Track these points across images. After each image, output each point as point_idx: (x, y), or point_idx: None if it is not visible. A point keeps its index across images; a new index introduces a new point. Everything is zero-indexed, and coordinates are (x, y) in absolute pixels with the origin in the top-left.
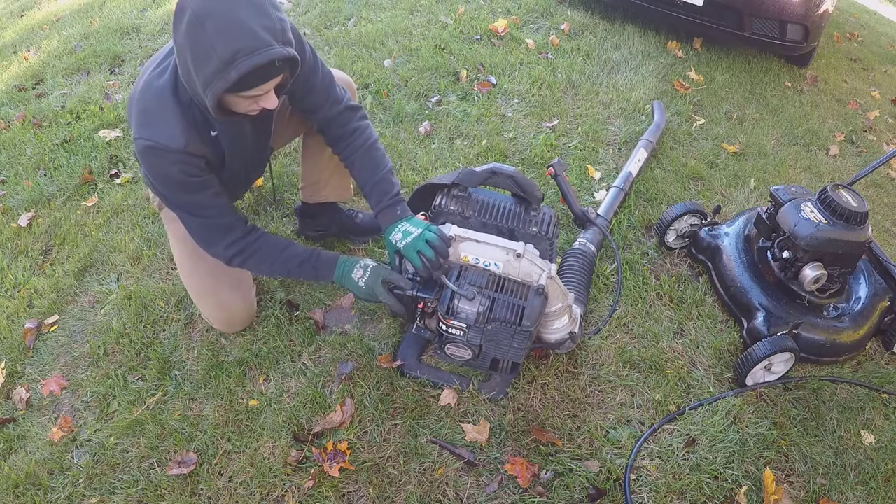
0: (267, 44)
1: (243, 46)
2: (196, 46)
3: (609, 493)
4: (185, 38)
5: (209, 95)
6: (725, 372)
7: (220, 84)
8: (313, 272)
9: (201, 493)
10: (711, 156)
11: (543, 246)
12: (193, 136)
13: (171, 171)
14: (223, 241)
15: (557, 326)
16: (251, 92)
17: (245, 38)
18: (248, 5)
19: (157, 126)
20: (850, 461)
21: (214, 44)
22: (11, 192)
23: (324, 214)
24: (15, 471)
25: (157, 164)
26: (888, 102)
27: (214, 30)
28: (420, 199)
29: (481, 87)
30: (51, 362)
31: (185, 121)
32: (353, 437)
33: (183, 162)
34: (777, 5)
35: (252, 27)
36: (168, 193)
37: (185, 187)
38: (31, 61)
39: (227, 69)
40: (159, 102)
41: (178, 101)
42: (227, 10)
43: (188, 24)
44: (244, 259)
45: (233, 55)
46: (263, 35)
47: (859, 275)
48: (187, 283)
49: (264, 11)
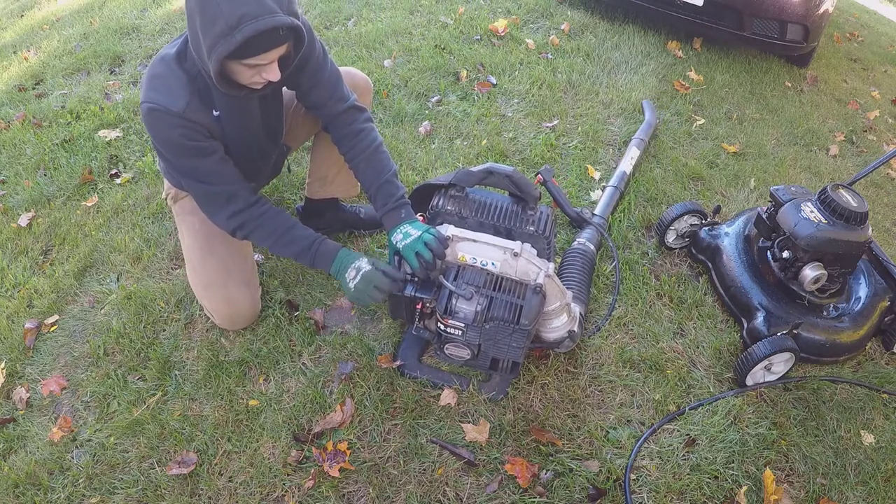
0: (272, 10)
1: (248, 11)
2: (204, 10)
3: (609, 493)
4: (195, 2)
5: (213, 59)
6: (725, 372)
7: (224, 47)
8: (311, 259)
9: (201, 493)
10: (711, 156)
11: (541, 245)
12: (195, 103)
13: (173, 135)
14: (226, 210)
15: (556, 325)
16: (254, 59)
17: (251, 4)
18: None
19: (160, 89)
20: (850, 461)
21: (221, 7)
22: (11, 192)
23: (327, 213)
24: (15, 471)
25: (159, 127)
26: (888, 102)
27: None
28: (418, 199)
29: (481, 87)
30: (51, 362)
31: (188, 88)
32: (353, 437)
33: (183, 126)
34: (777, 5)
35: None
36: (171, 157)
37: (187, 151)
38: (31, 61)
39: (232, 32)
40: (165, 68)
41: (184, 69)
42: None
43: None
44: (247, 232)
45: (238, 19)
46: (269, 2)
47: (859, 275)
48: (195, 276)
49: None
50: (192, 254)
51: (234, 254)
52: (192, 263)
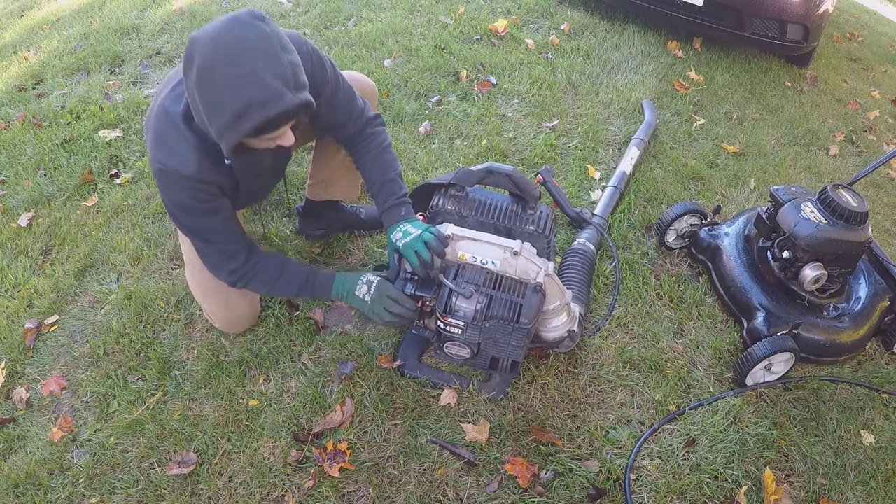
0: (278, 94)
1: (254, 98)
2: (207, 98)
3: (609, 493)
4: (195, 87)
5: (223, 143)
6: (725, 372)
7: (233, 135)
8: (310, 292)
9: (201, 493)
10: (711, 156)
11: (541, 244)
12: (206, 163)
13: (182, 196)
14: (225, 268)
15: (556, 324)
16: (266, 136)
17: (256, 90)
18: (257, 54)
19: (169, 151)
20: (850, 461)
21: (224, 96)
22: (11, 192)
23: (327, 213)
24: (15, 471)
25: (169, 188)
26: (888, 102)
27: (224, 82)
28: (418, 199)
29: (481, 87)
30: (51, 362)
31: (198, 148)
32: (353, 437)
33: (194, 188)
34: (777, 5)
35: (263, 77)
36: (179, 216)
37: (195, 212)
38: (31, 61)
39: (239, 121)
40: (173, 128)
41: (192, 129)
42: (237, 60)
43: (198, 76)
44: (245, 283)
45: (244, 107)
46: (275, 84)
47: (859, 275)
48: (194, 280)
49: (275, 58)
50: (191, 260)
51: None
52: (192, 269)
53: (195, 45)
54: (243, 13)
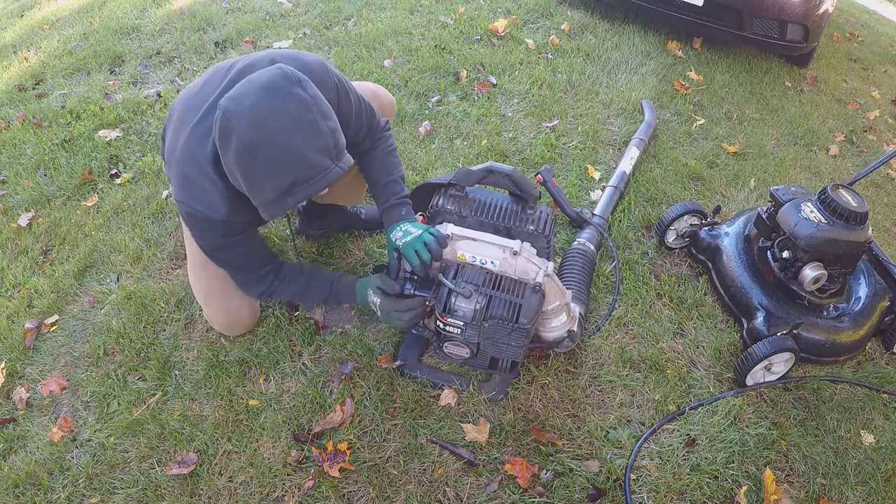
0: (324, 168)
1: (299, 178)
2: (249, 178)
3: (609, 493)
4: (235, 164)
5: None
6: (725, 372)
7: (276, 210)
8: (336, 300)
9: (201, 493)
10: (711, 156)
11: (540, 244)
12: (236, 206)
13: (214, 236)
14: (256, 289)
15: (555, 324)
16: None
17: (301, 169)
18: (300, 128)
19: (198, 195)
20: (850, 461)
21: (270, 176)
22: (11, 192)
23: (329, 214)
24: (15, 471)
25: (199, 230)
26: (888, 102)
27: (268, 163)
28: (418, 199)
29: (481, 87)
30: (51, 362)
31: (227, 194)
32: (353, 437)
33: (225, 230)
34: (777, 5)
35: (307, 155)
36: (209, 251)
37: (225, 246)
38: (31, 61)
39: (284, 198)
40: (201, 174)
41: (221, 175)
42: (280, 139)
43: (237, 154)
44: (271, 297)
45: (289, 186)
46: (319, 161)
47: (859, 275)
48: (195, 283)
49: (317, 130)
50: (193, 260)
51: None
52: (194, 270)
53: (231, 119)
54: (278, 78)
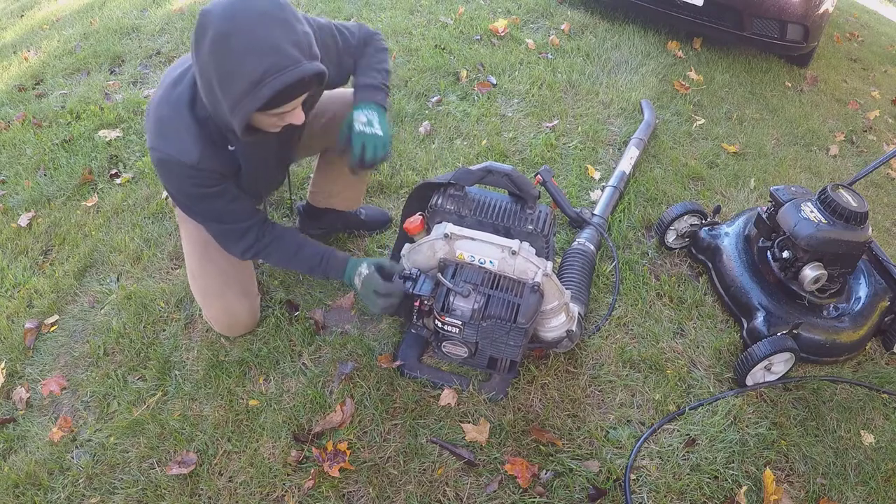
0: (296, 60)
1: (272, 64)
2: (222, 66)
3: (609, 493)
4: (209, 57)
5: (238, 115)
6: (725, 372)
7: (251, 104)
8: (323, 272)
9: (201, 493)
10: (711, 156)
11: (539, 244)
12: (208, 151)
13: (185, 184)
14: (240, 245)
15: (554, 324)
16: (280, 109)
17: (274, 56)
18: (273, 22)
19: (170, 139)
20: (850, 461)
21: (242, 63)
22: (11, 192)
23: (328, 215)
24: (15, 471)
25: (171, 177)
26: (888, 102)
27: (241, 49)
28: (417, 198)
29: (481, 87)
30: (51, 362)
31: (200, 136)
32: (353, 437)
33: (196, 176)
34: (777, 5)
35: (280, 44)
36: (185, 202)
37: (199, 197)
38: (31, 61)
39: (257, 88)
40: (174, 115)
41: (195, 115)
42: (253, 27)
43: (212, 44)
44: (261, 257)
45: (262, 74)
46: (292, 51)
47: (859, 275)
48: (194, 283)
49: (290, 26)
50: (190, 261)
51: (232, 262)
52: (192, 270)
53: (208, 16)
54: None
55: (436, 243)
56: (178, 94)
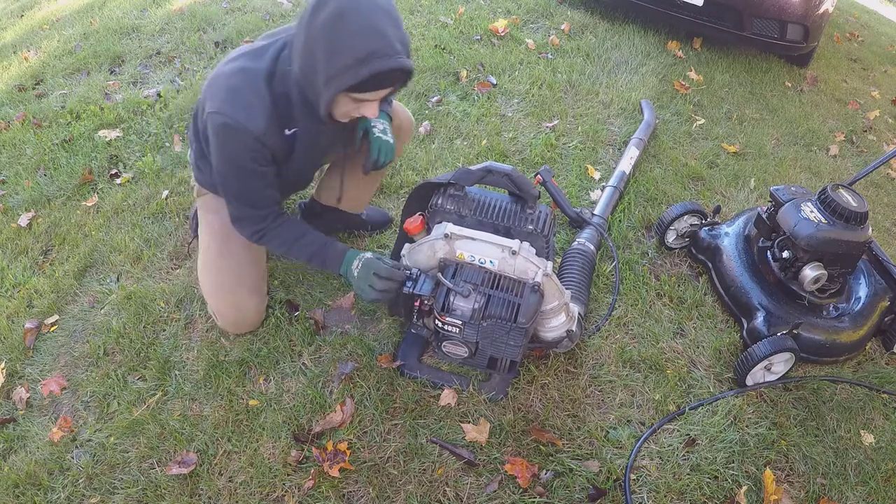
0: (398, 52)
1: (379, 48)
2: (333, 38)
3: (609, 493)
4: (321, 29)
5: (331, 88)
6: (725, 372)
7: (349, 79)
8: (321, 261)
9: (201, 493)
10: (711, 156)
11: (539, 244)
12: (272, 127)
13: (241, 154)
14: (252, 227)
15: (554, 324)
16: (366, 95)
17: (381, 41)
18: (386, 15)
19: (241, 106)
20: (850, 461)
21: (353, 40)
22: (11, 192)
23: (330, 214)
24: (15, 471)
25: (230, 143)
26: (888, 102)
27: (355, 27)
28: (417, 198)
29: (481, 87)
30: (51, 362)
31: (270, 110)
32: (353, 437)
33: (255, 148)
34: (777, 5)
35: (388, 35)
36: (226, 173)
37: (246, 173)
38: (31, 61)
39: (360, 66)
40: (250, 85)
41: (271, 89)
42: (370, 13)
43: (329, 17)
44: (265, 241)
45: (368, 55)
46: (396, 45)
47: (859, 275)
48: (207, 275)
49: (398, 24)
50: (207, 252)
51: (249, 260)
52: (206, 262)
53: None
54: None
55: (436, 243)
56: (258, 68)
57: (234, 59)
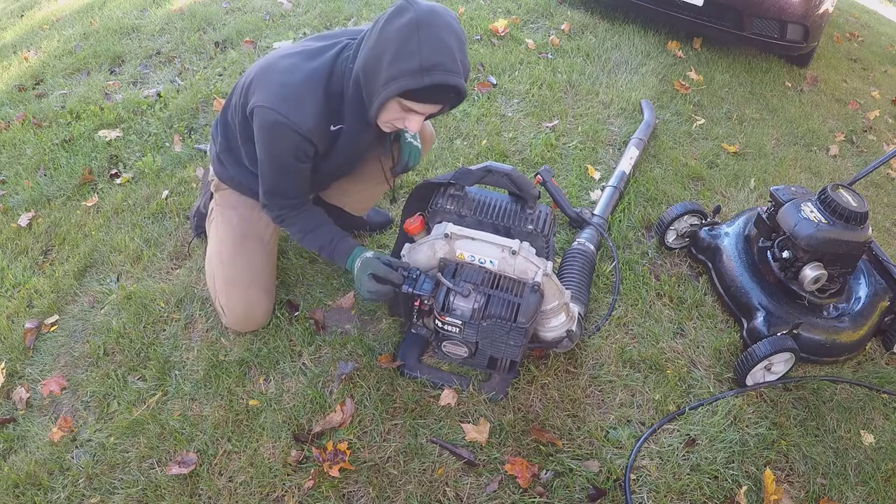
0: (459, 72)
1: (443, 62)
2: (404, 43)
3: (609, 493)
4: (396, 32)
5: (389, 88)
6: (725, 372)
7: (409, 82)
8: (329, 254)
9: (201, 493)
10: (711, 156)
11: (539, 243)
12: (320, 125)
13: (287, 151)
14: (278, 210)
15: (554, 324)
16: (418, 105)
17: (447, 57)
18: (458, 40)
19: (295, 105)
20: (850, 461)
21: (422, 49)
22: (11, 192)
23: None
24: (15, 471)
25: (277, 139)
26: (888, 102)
27: (427, 39)
28: (417, 198)
29: (481, 87)
30: (51, 362)
31: (322, 109)
32: (353, 437)
33: (300, 146)
34: (777, 5)
35: (455, 54)
36: (268, 164)
37: (287, 167)
38: (31, 61)
39: (423, 74)
40: (308, 84)
41: (327, 89)
42: (443, 31)
43: (406, 25)
44: (284, 224)
45: (433, 65)
46: (459, 67)
47: (859, 275)
48: (220, 270)
49: (465, 50)
50: (222, 247)
51: (263, 258)
52: (221, 257)
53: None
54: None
55: (436, 243)
56: (315, 67)
57: (288, 55)
